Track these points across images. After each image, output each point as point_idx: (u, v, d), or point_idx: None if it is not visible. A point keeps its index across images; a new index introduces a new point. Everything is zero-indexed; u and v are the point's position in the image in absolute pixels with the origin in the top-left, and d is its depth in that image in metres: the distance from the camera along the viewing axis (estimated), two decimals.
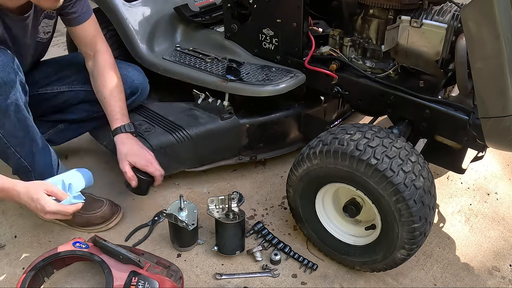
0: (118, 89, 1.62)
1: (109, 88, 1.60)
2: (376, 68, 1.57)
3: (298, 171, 1.39)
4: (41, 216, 1.35)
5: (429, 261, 1.54)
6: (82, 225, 1.63)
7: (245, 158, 1.82)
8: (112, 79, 1.61)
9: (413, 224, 1.22)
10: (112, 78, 1.61)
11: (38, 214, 1.34)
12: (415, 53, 1.41)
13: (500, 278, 1.49)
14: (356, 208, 1.37)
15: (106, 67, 1.62)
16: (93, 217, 1.62)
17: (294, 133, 1.87)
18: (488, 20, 1.09)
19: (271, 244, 1.57)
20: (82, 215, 1.61)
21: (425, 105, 1.42)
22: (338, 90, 1.60)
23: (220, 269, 1.50)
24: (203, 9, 2.01)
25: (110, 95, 1.60)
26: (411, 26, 1.38)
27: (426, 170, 1.28)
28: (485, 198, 1.81)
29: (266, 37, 1.70)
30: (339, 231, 1.48)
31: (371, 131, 1.29)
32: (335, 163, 1.27)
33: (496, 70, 1.13)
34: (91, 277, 1.46)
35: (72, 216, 1.54)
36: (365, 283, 1.46)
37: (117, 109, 1.60)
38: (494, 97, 1.17)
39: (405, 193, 1.19)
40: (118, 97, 1.61)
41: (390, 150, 1.23)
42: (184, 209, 1.48)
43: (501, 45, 1.10)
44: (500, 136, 1.23)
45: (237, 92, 1.67)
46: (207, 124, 1.70)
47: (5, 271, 1.49)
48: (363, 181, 1.25)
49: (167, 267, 1.39)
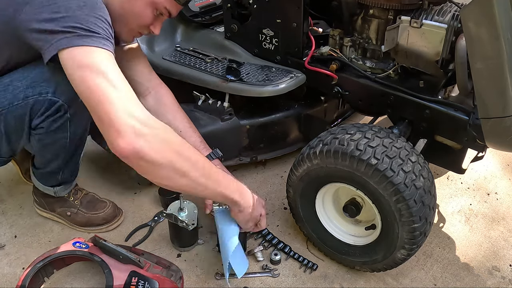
0: (188, 119, 1.58)
1: (183, 123, 1.56)
2: (376, 68, 1.57)
3: (298, 171, 1.39)
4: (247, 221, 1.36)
5: (429, 261, 1.54)
6: (83, 224, 1.63)
7: (245, 159, 1.82)
8: (182, 113, 1.58)
9: (413, 224, 1.22)
10: (181, 111, 1.58)
11: (248, 222, 1.36)
12: (415, 53, 1.41)
13: (500, 278, 1.49)
14: (356, 208, 1.37)
15: (173, 104, 1.58)
16: (95, 217, 1.62)
17: (294, 133, 1.87)
18: (488, 20, 1.09)
19: (271, 244, 1.57)
20: (84, 214, 1.61)
21: (425, 105, 1.42)
22: (338, 90, 1.60)
23: (220, 269, 1.49)
24: (203, 9, 2.01)
25: (186, 129, 1.55)
26: (411, 26, 1.38)
27: (426, 170, 1.28)
28: (485, 198, 1.81)
29: (266, 37, 1.70)
30: (339, 231, 1.48)
31: (371, 131, 1.29)
32: (335, 163, 1.27)
33: (496, 70, 1.13)
34: (91, 277, 1.46)
35: None
36: (365, 283, 1.46)
37: (198, 140, 1.56)
38: (494, 97, 1.17)
39: (405, 193, 1.19)
40: (193, 128, 1.58)
41: (390, 150, 1.23)
42: (184, 209, 1.48)
43: (501, 46, 1.10)
44: (500, 137, 1.22)
45: (237, 93, 1.66)
46: (207, 125, 1.70)
47: (5, 271, 1.49)
48: (363, 181, 1.25)
49: (167, 267, 1.39)
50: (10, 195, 1.82)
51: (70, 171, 1.55)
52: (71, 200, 1.63)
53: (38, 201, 1.66)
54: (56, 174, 1.52)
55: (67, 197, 1.63)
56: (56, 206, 1.63)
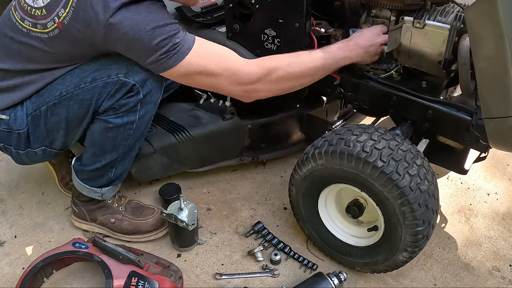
0: None
1: None
2: (378, 69, 1.56)
3: (302, 171, 1.38)
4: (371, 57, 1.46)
5: (429, 261, 1.54)
6: (129, 232, 1.56)
7: (247, 159, 1.82)
8: None
9: (417, 227, 1.22)
10: None
11: (372, 57, 1.46)
12: (418, 54, 1.41)
13: (500, 278, 1.50)
14: (359, 209, 1.37)
15: None
16: (143, 224, 1.56)
17: (296, 133, 1.87)
18: (492, 20, 1.09)
19: (271, 244, 1.57)
20: (130, 220, 1.55)
21: (427, 106, 1.42)
22: (340, 91, 1.60)
23: (220, 269, 1.49)
24: (204, 9, 1.99)
25: None
26: (414, 26, 1.37)
27: (431, 173, 1.28)
28: (485, 198, 1.81)
29: (268, 37, 1.69)
30: (341, 232, 1.47)
31: (377, 132, 1.29)
32: (340, 164, 1.27)
33: (500, 70, 1.13)
34: (91, 278, 1.45)
35: None
36: (365, 283, 1.46)
37: None
38: (498, 97, 1.17)
39: (410, 197, 1.19)
40: None
41: (396, 153, 1.23)
42: (184, 209, 1.48)
43: (504, 45, 1.10)
44: (503, 137, 1.22)
45: None
46: (209, 124, 1.69)
47: (5, 271, 1.49)
48: (368, 183, 1.25)
49: (166, 267, 1.39)
50: (10, 195, 1.81)
51: (124, 167, 1.50)
52: (115, 207, 1.57)
53: (77, 211, 1.59)
54: (107, 171, 1.46)
55: (111, 203, 1.57)
56: (98, 214, 1.57)
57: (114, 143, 1.39)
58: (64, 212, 1.71)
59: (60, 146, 1.42)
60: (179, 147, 1.67)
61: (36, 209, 1.73)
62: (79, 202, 1.57)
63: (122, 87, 1.28)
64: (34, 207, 1.74)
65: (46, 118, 1.34)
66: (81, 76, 1.27)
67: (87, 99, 1.29)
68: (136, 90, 1.30)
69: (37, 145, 1.40)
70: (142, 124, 1.39)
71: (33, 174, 1.89)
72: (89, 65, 1.28)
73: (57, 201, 1.76)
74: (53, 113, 1.32)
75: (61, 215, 1.70)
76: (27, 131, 1.36)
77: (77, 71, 1.28)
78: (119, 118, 1.33)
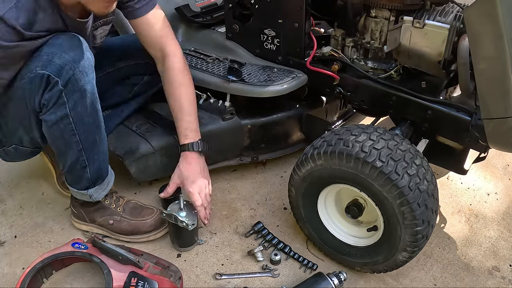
0: (188, 100, 1.52)
1: (179, 100, 1.51)
2: (378, 69, 1.56)
3: (301, 171, 1.38)
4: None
5: (429, 261, 1.54)
6: (128, 233, 1.55)
7: (246, 159, 1.82)
8: (182, 89, 1.51)
9: (416, 227, 1.22)
10: (182, 87, 1.51)
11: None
12: (417, 54, 1.41)
13: (500, 278, 1.50)
14: (358, 209, 1.37)
15: (177, 74, 1.51)
16: (142, 224, 1.55)
17: (295, 133, 1.87)
18: (491, 21, 1.09)
19: (271, 244, 1.56)
20: (129, 221, 1.55)
21: (427, 106, 1.42)
22: (340, 91, 1.60)
23: (220, 269, 1.49)
24: (204, 10, 2.00)
25: (180, 108, 1.51)
26: (414, 26, 1.38)
27: (430, 173, 1.27)
28: (485, 198, 1.81)
29: (268, 37, 1.70)
30: (340, 232, 1.47)
31: (376, 132, 1.29)
32: (339, 164, 1.27)
33: (499, 70, 1.13)
34: (91, 278, 1.45)
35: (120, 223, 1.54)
36: (365, 283, 1.46)
37: (184, 125, 1.51)
38: (497, 97, 1.17)
39: (409, 196, 1.19)
40: (189, 110, 1.51)
41: (395, 153, 1.23)
42: (184, 209, 1.47)
43: (504, 46, 1.10)
44: (503, 137, 1.23)
45: (238, 93, 1.66)
46: (208, 124, 1.69)
47: (5, 271, 1.49)
48: (368, 183, 1.24)
49: (166, 267, 1.39)
50: (10, 195, 1.81)
51: (97, 165, 1.44)
52: (112, 208, 1.56)
53: (76, 213, 1.59)
54: (81, 171, 1.42)
55: (108, 205, 1.56)
56: (97, 216, 1.56)
57: (64, 142, 1.34)
58: (64, 212, 1.71)
59: (30, 144, 1.39)
60: None
61: (36, 209, 1.73)
62: (77, 204, 1.57)
63: (41, 81, 1.23)
64: (34, 207, 1.74)
65: (2, 117, 1.37)
66: (20, 73, 1.25)
67: (20, 97, 1.27)
68: (53, 81, 1.22)
69: (8, 143, 1.43)
70: (81, 116, 1.30)
71: (33, 174, 1.90)
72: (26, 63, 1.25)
73: (57, 201, 1.76)
74: (4, 113, 1.35)
75: (61, 215, 1.70)
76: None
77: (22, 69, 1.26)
78: (52, 115, 1.28)
